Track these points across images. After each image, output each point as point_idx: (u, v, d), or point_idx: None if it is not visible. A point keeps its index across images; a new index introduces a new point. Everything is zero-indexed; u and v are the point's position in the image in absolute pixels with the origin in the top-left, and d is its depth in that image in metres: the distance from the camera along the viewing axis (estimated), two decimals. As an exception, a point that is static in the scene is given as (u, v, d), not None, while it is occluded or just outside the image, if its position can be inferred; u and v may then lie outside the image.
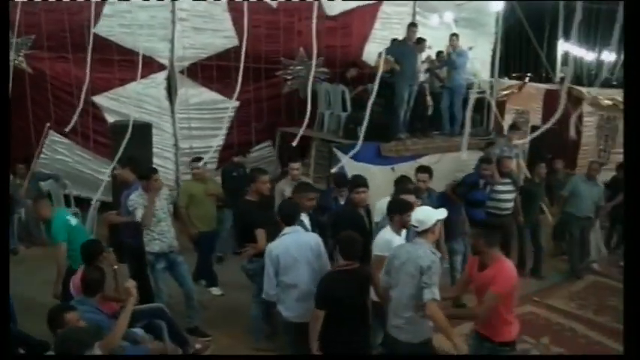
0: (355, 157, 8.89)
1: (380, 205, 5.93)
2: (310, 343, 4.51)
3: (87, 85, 7.69)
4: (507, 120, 14.10)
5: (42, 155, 9.27)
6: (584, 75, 15.21)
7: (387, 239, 4.95)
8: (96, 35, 9.02)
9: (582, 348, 6.61)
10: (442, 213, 4.55)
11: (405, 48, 9.35)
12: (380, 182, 7.81)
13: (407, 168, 8.94)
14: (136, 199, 6.05)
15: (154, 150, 9.09)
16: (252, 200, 5.96)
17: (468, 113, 6.94)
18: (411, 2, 12.00)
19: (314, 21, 7.27)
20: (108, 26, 9.22)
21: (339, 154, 9.14)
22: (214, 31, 10.07)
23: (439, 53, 10.91)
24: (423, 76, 10.42)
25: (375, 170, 8.79)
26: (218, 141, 10.24)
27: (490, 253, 4.44)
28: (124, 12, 9.26)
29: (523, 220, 8.40)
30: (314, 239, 4.95)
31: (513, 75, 14.72)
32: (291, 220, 4.95)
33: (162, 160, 9.75)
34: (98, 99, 9.37)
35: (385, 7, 11.85)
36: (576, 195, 8.53)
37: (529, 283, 8.42)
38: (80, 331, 3.82)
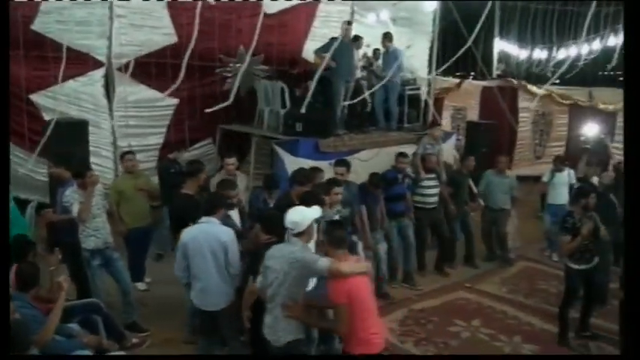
0: (295, 153, 9.10)
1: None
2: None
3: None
4: (445, 116, 14.54)
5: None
6: (521, 71, 15.73)
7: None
8: (33, 32, 8.99)
9: (513, 328, 6.98)
10: (316, 212, 4.52)
11: (342, 45, 9.50)
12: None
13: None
14: (70, 194, 6.06)
15: (92, 148, 9.02)
16: (189, 194, 6.05)
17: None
18: (350, 1, 12.17)
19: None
20: (45, 23, 9.06)
21: (279, 150, 9.26)
22: (153, 28, 10.00)
23: (375, 51, 11.13)
24: (359, 73, 10.60)
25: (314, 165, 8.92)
26: (157, 139, 10.35)
27: (335, 255, 4.25)
28: (62, 9, 9.08)
29: (451, 209, 8.83)
30: (226, 234, 4.97)
31: (457, 74, 15.10)
32: (210, 210, 5.05)
33: (101, 158, 9.66)
34: (35, 97, 9.21)
35: (324, 6, 11.97)
36: (489, 189, 9.07)
37: (463, 271, 8.81)
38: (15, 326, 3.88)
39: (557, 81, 14.68)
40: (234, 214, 5.76)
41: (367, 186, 7.50)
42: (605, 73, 14.75)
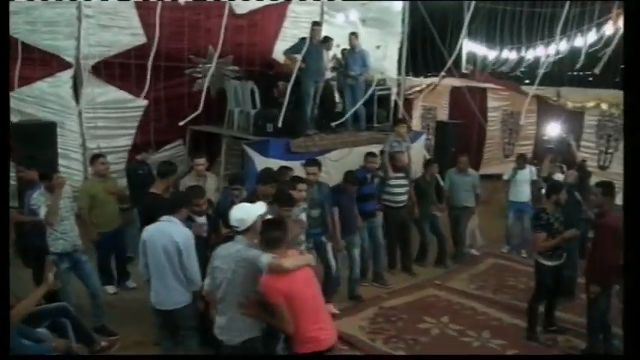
0: (266, 154, 9.13)
1: None
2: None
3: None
4: (415, 116, 14.69)
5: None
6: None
7: None
8: None
9: (481, 323, 7.10)
10: (261, 208, 4.47)
11: (310, 46, 9.56)
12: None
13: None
14: (37, 197, 6.02)
15: (61, 151, 8.94)
16: (157, 193, 6.08)
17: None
18: (319, 1, 12.23)
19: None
20: (13, 23, 8.87)
21: (250, 151, 9.28)
22: (121, 29, 9.93)
23: (343, 51, 11.19)
24: (329, 74, 10.65)
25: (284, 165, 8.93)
26: (126, 140, 10.28)
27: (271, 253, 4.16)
28: (30, 9, 9.01)
29: (419, 213, 8.87)
30: (181, 234, 4.90)
31: (428, 74, 15.29)
32: (172, 209, 5.03)
33: (69, 160, 9.57)
34: (0, 99, 9.06)
35: (294, 6, 12.03)
36: (452, 188, 9.22)
37: (433, 268, 8.93)
38: None
39: (527, 81, 15.01)
40: (203, 221, 5.73)
41: (342, 184, 7.49)
42: (574, 73, 14.99)
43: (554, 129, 11.57)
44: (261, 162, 8.99)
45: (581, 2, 12.63)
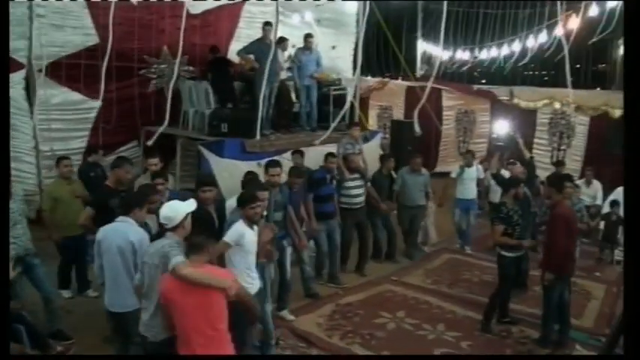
0: (221, 154, 9.14)
1: (230, 202, 5.95)
2: None
3: None
4: (372, 115, 14.87)
5: None
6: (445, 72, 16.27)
7: (240, 231, 5.10)
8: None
9: (436, 317, 7.26)
10: (191, 205, 4.48)
11: (264, 46, 9.62)
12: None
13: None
14: None
15: (13, 154, 8.78)
16: (110, 186, 6.23)
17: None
18: (274, 2, 12.26)
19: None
20: (-42, 23, 8.77)
21: (205, 151, 9.27)
22: (74, 29, 9.85)
23: (298, 51, 11.23)
24: (285, 74, 10.70)
25: (241, 166, 8.95)
26: (80, 142, 10.15)
27: (193, 259, 4.09)
28: (-22, 8, 8.84)
29: (382, 207, 8.88)
30: (136, 234, 4.83)
31: (387, 74, 15.50)
32: (125, 210, 5.00)
33: (22, 164, 9.41)
34: (-51, 101, 8.86)
35: (249, 7, 12.11)
36: (404, 187, 9.23)
37: (390, 264, 9.07)
38: None
39: (484, 80, 15.35)
40: (152, 221, 5.65)
41: (288, 181, 7.26)
42: (528, 73, 15.38)
43: (503, 127, 11.85)
44: (216, 162, 9.03)
45: (530, 4, 12.98)
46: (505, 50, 13.54)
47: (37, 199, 9.08)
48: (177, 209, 4.37)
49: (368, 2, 12.57)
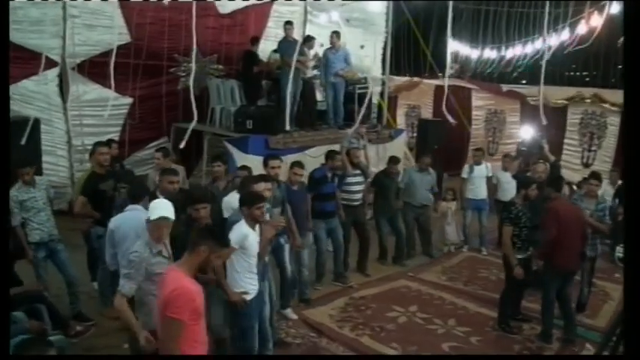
0: (246, 150, 9.37)
1: (227, 200, 6.00)
2: None
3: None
4: (400, 114, 14.94)
5: None
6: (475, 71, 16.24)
7: (244, 233, 5.01)
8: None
9: (448, 312, 7.36)
10: (170, 212, 4.42)
11: (287, 45, 9.83)
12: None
13: (295, 159, 9.46)
14: (15, 193, 6.21)
15: (46, 147, 9.20)
16: (96, 172, 6.68)
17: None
18: (302, 1, 12.49)
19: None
20: (-2, 23, 9.20)
21: (230, 147, 9.54)
22: (106, 28, 10.13)
23: (326, 50, 11.39)
24: (311, 72, 10.86)
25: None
26: (112, 137, 10.48)
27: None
28: (16, 9, 9.20)
29: (377, 208, 8.94)
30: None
31: (413, 74, 15.55)
32: (136, 199, 5.29)
33: (56, 157, 9.83)
34: (-12, 96, 9.30)
35: (278, 6, 12.32)
36: (410, 185, 9.18)
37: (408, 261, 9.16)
38: None
39: (524, 81, 15.24)
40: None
41: (289, 175, 7.29)
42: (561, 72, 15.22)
43: (527, 131, 11.76)
44: (240, 158, 9.25)
45: (555, 3, 12.88)
46: (529, 48, 13.41)
47: (69, 190, 9.50)
48: (165, 207, 4.43)
49: (395, 2, 12.78)
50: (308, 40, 10.48)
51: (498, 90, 14.76)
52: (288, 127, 9.89)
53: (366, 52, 13.74)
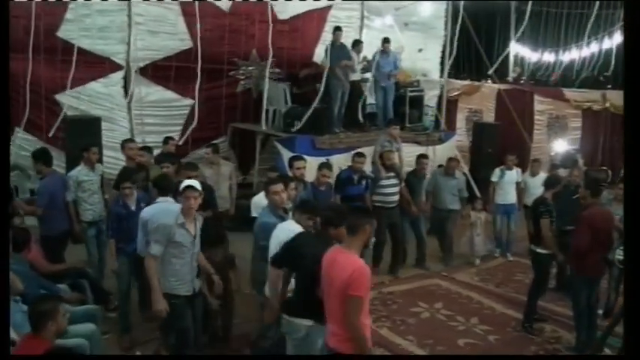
0: (293, 149, 9.79)
1: (256, 200, 6.34)
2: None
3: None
4: (460, 118, 14.96)
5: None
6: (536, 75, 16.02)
7: (293, 231, 5.05)
8: (59, 38, 10.01)
9: (473, 311, 7.49)
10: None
11: (335, 49, 10.19)
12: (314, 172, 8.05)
13: (341, 159, 9.82)
14: (77, 173, 7.19)
15: (111, 143, 9.92)
16: (127, 166, 7.35)
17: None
18: (359, 7, 12.81)
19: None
20: (70, 30, 10.02)
21: (279, 146, 10.02)
22: (169, 34, 10.87)
23: (375, 53, 11.64)
24: (359, 75, 11.13)
25: (310, 161, 9.55)
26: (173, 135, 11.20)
27: None
28: (84, 17, 10.08)
29: (412, 209, 8.74)
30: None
31: (474, 78, 15.52)
32: (164, 191, 5.83)
33: (119, 153, 10.48)
34: (60, 97, 10.18)
35: (335, 11, 12.65)
36: (436, 189, 9.13)
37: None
38: None
39: (610, 86, 14.90)
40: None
41: (317, 176, 7.49)
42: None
43: (561, 145, 11.52)
44: (288, 157, 9.64)
45: (613, 4, 12.58)
46: (589, 51, 13.12)
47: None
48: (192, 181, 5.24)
49: (452, 4, 12.85)
50: (356, 44, 10.82)
51: (559, 95, 14.48)
52: (336, 129, 10.32)
53: (425, 56, 13.86)
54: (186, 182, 5.16)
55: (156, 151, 8.93)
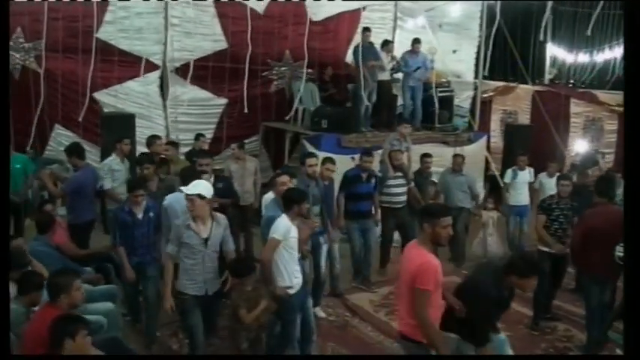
0: (319, 147, 10.02)
1: (267, 197, 6.43)
2: None
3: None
4: (494, 119, 14.92)
5: (48, 147, 10.64)
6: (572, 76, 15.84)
7: (287, 226, 5.29)
8: (98, 39, 10.51)
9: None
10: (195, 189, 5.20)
11: (364, 50, 10.37)
12: (340, 170, 8.11)
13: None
14: (109, 162, 7.69)
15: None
16: (143, 174, 7.38)
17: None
18: (393, 8, 12.96)
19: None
20: (108, 31, 10.53)
21: (307, 144, 10.27)
22: (204, 35, 11.26)
23: (404, 53, 11.73)
24: (388, 75, 11.27)
25: (335, 159, 9.75)
26: (207, 134, 11.57)
27: None
28: (123, 19, 10.56)
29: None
30: None
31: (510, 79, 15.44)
32: (186, 181, 6.05)
33: (151, 149, 11.04)
34: (98, 95, 10.69)
35: (368, 13, 12.83)
36: (446, 187, 9.08)
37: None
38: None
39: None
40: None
41: (321, 170, 7.30)
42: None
43: (582, 145, 11.36)
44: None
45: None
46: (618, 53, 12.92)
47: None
48: (199, 185, 5.29)
49: (487, 5, 12.86)
50: (386, 44, 10.96)
51: (593, 97, 14.29)
52: (361, 128, 10.50)
53: (459, 57, 13.89)
54: (192, 189, 5.19)
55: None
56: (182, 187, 5.38)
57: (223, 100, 11.65)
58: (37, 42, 10.31)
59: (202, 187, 5.27)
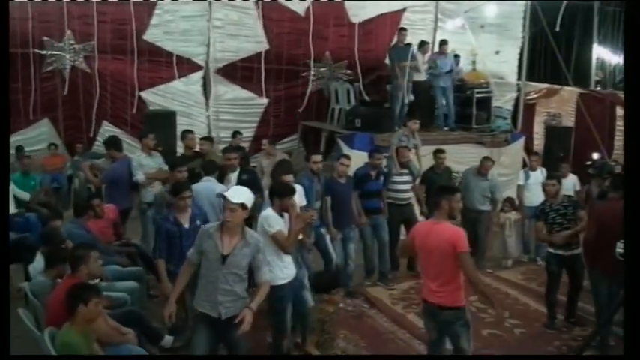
0: (352, 146, 10.28)
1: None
2: None
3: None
4: (538, 121, 14.80)
5: (96, 142, 11.25)
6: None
7: (275, 217, 5.26)
8: (145, 41, 11.09)
9: (506, 305, 7.54)
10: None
11: (399, 50, 10.57)
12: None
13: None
14: (137, 158, 8.02)
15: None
16: (185, 154, 8.06)
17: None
18: (433, 9, 13.08)
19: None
20: (155, 34, 11.14)
21: (341, 143, 10.54)
22: (246, 37, 11.74)
23: (434, 55, 11.81)
24: (424, 75, 11.40)
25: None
26: (248, 132, 12.02)
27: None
28: (168, 22, 11.15)
29: (426, 211, 8.34)
30: (220, 188, 6.09)
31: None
32: (209, 172, 6.49)
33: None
34: (145, 94, 11.29)
35: (409, 14, 13.01)
36: (466, 188, 8.87)
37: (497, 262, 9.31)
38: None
39: None
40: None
41: (334, 166, 7.52)
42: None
43: (597, 153, 11.16)
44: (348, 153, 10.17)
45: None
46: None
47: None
48: (237, 192, 4.60)
49: (530, 6, 12.80)
50: (422, 45, 11.11)
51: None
52: (395, 127, 10.68)
53: (502, 58, 13.88)
54: (232, 193, 4.51)
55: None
56: (223, 192, 4.60)
57: (264, 100, 12.04)
58: (87, 44, 10.98)
59: (246, 196, 4.54)
